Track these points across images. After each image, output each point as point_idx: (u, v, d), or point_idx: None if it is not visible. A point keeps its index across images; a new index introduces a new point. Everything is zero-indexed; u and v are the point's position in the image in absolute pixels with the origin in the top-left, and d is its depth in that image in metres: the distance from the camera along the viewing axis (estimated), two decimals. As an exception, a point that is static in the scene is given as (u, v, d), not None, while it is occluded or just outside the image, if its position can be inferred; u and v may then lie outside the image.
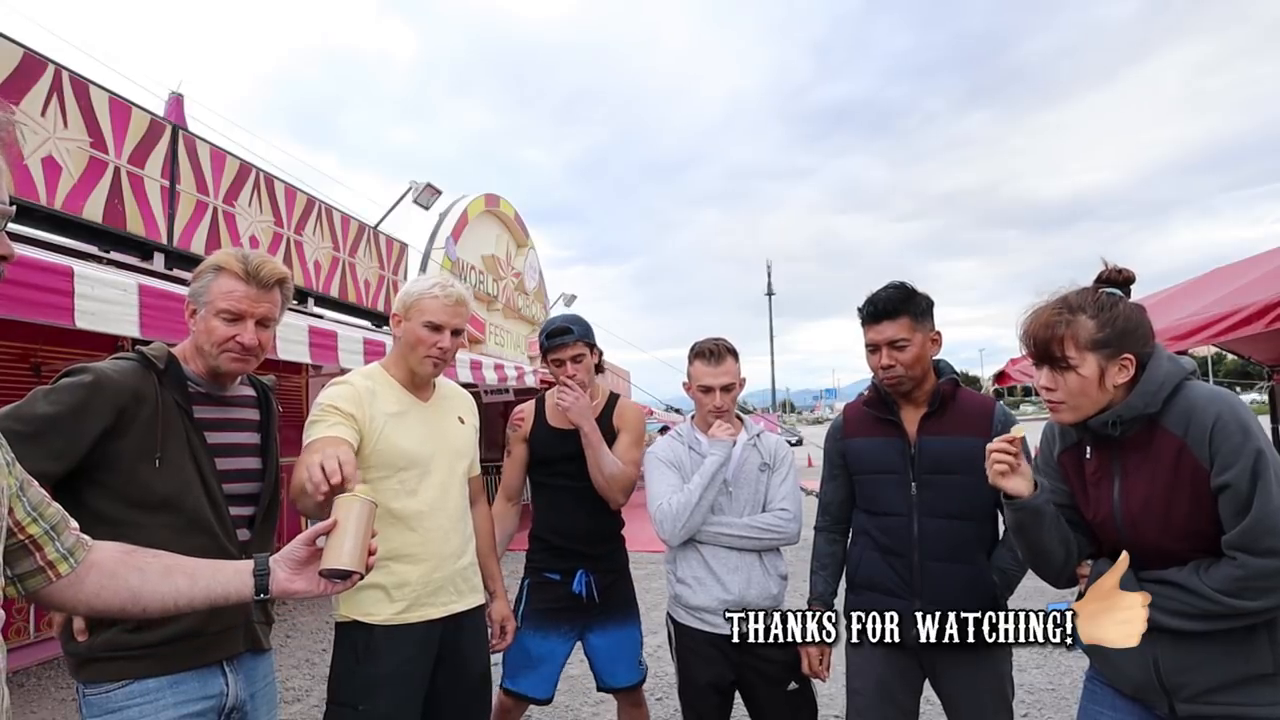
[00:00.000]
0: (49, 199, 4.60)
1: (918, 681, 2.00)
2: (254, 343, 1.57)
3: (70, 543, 1.04)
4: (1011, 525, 1.54)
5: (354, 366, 4.35)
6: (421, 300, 1.93)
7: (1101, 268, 1.54)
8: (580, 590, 2.38)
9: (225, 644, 1.52)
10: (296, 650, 4.94)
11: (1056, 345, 1.43)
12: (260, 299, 1.57)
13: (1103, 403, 1.44)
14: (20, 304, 2.52)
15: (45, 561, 1.00)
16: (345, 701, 1.84)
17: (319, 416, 1.80)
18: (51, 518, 1.02)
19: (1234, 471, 1.31)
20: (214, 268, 1.57)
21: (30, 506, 0.99)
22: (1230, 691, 1.35)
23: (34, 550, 0.99)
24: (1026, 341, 1.49)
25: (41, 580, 1.01)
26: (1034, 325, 1.47)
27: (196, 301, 1.58)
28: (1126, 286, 1.51)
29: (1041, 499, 1.48)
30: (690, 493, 2.19)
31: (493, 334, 11.87)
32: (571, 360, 2.42)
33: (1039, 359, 1.48)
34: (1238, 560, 1.30)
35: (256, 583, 1.13)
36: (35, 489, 1.01)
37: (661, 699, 3.86)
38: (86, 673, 1.42)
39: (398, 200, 9.53)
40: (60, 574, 1.02)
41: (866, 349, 2.01)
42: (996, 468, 1.50)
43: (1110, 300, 1.45)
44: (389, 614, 1.86)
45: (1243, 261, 5.58)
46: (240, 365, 1.59)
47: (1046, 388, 1.47)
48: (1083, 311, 1.43)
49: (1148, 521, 1.42)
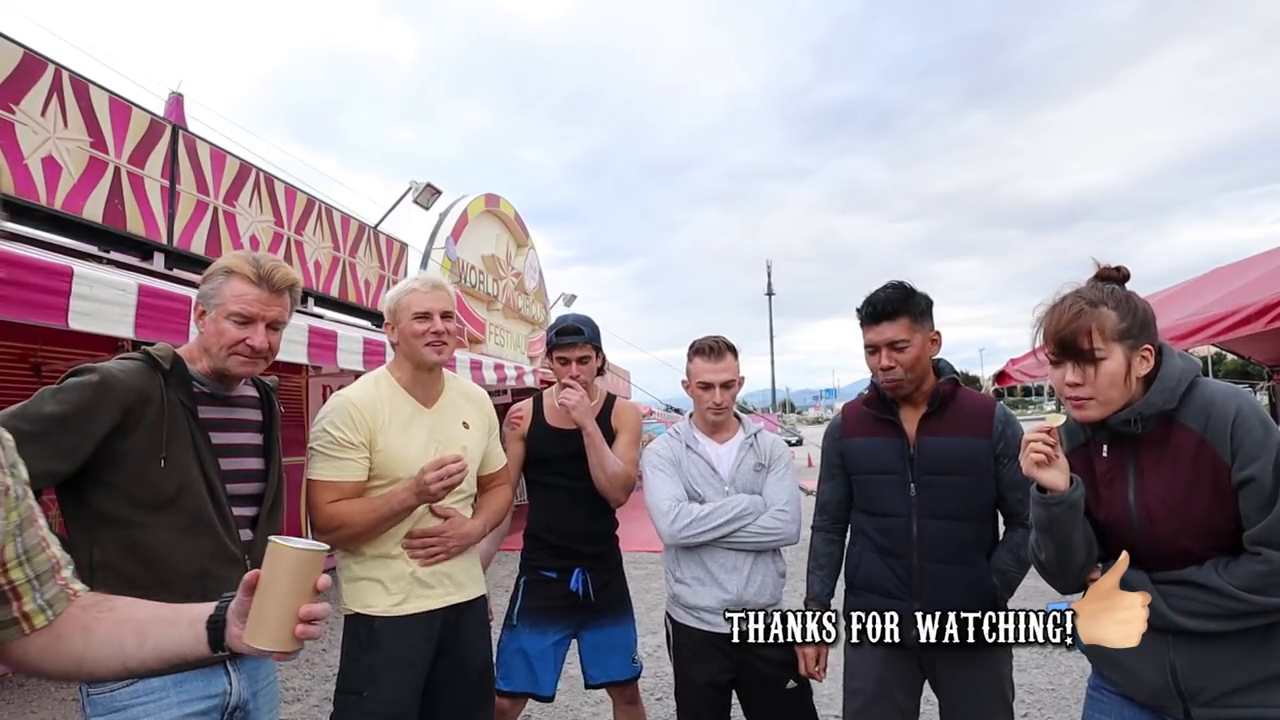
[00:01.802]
0: (49, 199, 4.60)
1: (917, 682, 2.00)
2: (264, 346, 1.58)
3: (52, 593, 0.94)
4: (1041, 521, 1.48)
5: (352, 367, 4.35)
6: (403, 298, 2.00)
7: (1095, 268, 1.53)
8: (577, 588, 2.38)
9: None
10: (296, 650, 4.94)
11: (1084, 337, 1.40)
12: (271, 302, 1.59)
13: (1128, 396, 1.42)
14: (15, 304, 2.52)
15: (21, 612, 0.91)
16: (350, 690, 1.89)
17: (323, 449, 1.88)
18: (40, 565, 0.92)
19: (1257, 465, 1.30)
20: (225, 270, 1.59)
21: (23, 549, 0.90)
22: (1250, 693, 1.33)
23: (12, 598, 0.90)
24: (1050, 338, 1.45)
25: (14, 632, 0.91)
26: (1058, 319, 1.44)
27: (206, 303, 1.59)
28: (1123, 284, 1.50)
29: (1078, 494, 1.43)
30: (711, 519, 2.18)
31: (493, 334, 11.87)
32: (578, 361, 2.43)
33: (1064, 354, 1.44)
34: (1262, 555, 1.29)
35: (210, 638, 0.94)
36: (34, 531, 0.93)
37: (661, 699, 3.86)
38: None
39: (398, 200, 9.52)
40: (35, 626, 0.92)
41: (866, 350, 2.00)
42: (1034, 457, 1.45)
43: (1123, 293, 1.44)
44: (386, 605, 1.91)
45: (1242, 261, 5.58)
46: (248, 368, 1.60)
47: (1072, 383, 1.43)
48: (1104, 304, 1.41)
49: (1165, 519, 1.40)
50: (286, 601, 0.90)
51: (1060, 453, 1.46)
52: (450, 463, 1.83)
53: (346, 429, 1.88)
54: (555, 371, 2.48)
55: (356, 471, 1.89)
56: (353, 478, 1.89)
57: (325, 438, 1.88)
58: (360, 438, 1.89)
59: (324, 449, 1.88)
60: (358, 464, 1.89)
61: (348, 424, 1.89)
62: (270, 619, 0.89)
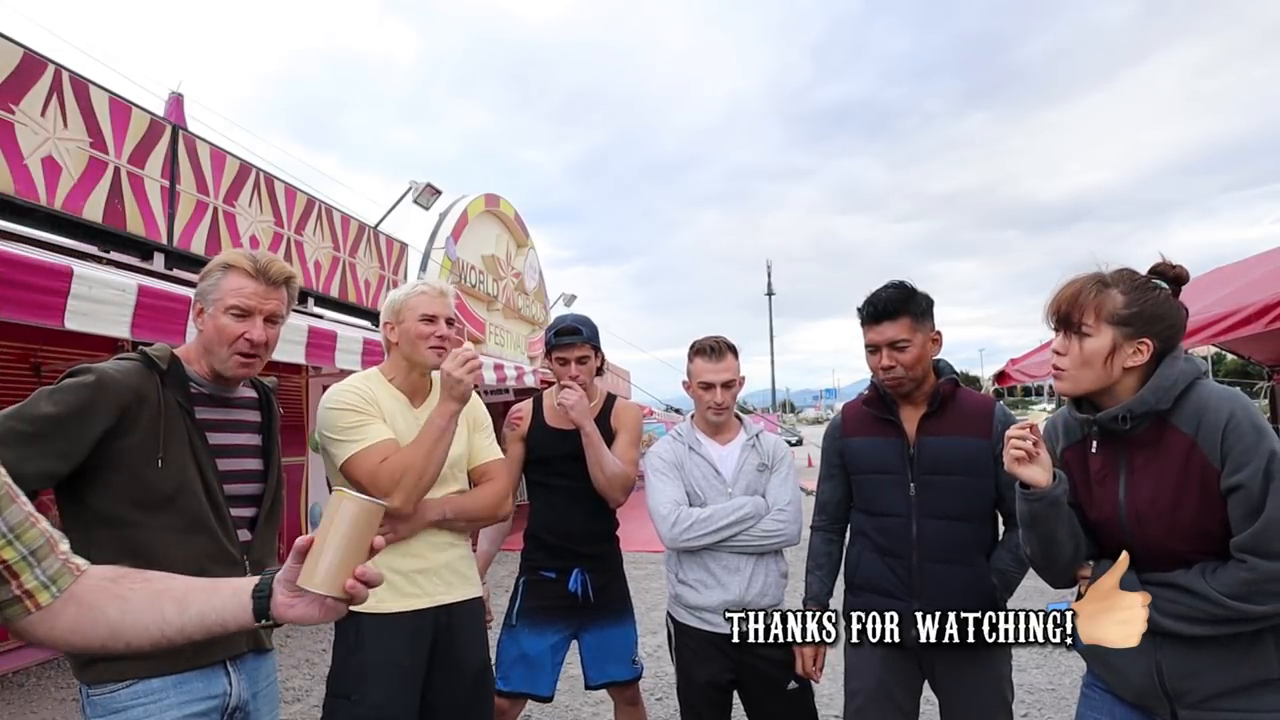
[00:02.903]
0: (49, 199, 4.59)
1: (917, 682, 1.99)
2: (262, 339, 1.59)
3: (54, 569, 0.93)
4: (1024, 517, 1.50)
5: (351, 367, 4.34)
6: (410, 299, 2.01)
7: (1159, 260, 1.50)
8: (576, 589, 2.38)
9: (229, 644, 1.52)
10: (296, 650, 4.94)
11: (1077, 311, 1.42)
12: (269, 295, 1.60)
13: (1103, 381, 1.42)
14: (14, 304, 2.51)
15: (23, 590, 0.91)
16: (339, 693, 1.88)
17: (348, 427, 1.88)
18: (32, 541, 0.91)
19: (1247, 472, 1.29)
20: (223, 266, 1.60)
21: (7, 527, 0.89)
22: (1235, 697, 1.34)
23: (9, 577, 0.90)
24: (1051, 306, 1.48)
25: (19, 610, 0.91)
26: (1063, 289, 1.47)
27: (204, 300, 1.59)
28: (1176, 285, 1.48)
29: (1059, 490, 1.44)
30: (711, 523, 2.18)
31: (493, 334, 11.87)
32: (576, 361, 2.43)
33: (1058, 323, 1.47)
34: (1247, 563, 1.28)
35: (255, 606, 0.96)
36: (16, 508, 0.91)
37: (661, 699, 3.86)
38: (91, 673, 1.41)
39: (398, 200, 9.52)
40: (40, 604, 0.91)
41: (866, 349, 2.00)
42: (1014, 453, 1.46)
43: (1149, 285, 1.43)
44: (372, 602, 1.89)
45: (1242, 261, 5.58)
46: (246, 369, 1.61)
47: (1056, 352, 1.47)
48: (1116, 286, 1.42)
49: (1153, 520, 1.40)
50: (344, 549, 0.91)
51: (1043, 449, 1.47)
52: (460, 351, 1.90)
53: (357, 403, 1.91)
54: (554, 372, 2.48)
55: (387, 432, 1.90)
56: (388, 436, 1.90)
57: (345, 417, 1.89)
58: (373, 409, 1.92)
59: (349, 427, 1.88)
60: (385, 426, 1.91)
61: (357, 402, 1.91)
62: (326, 563, 0.90)
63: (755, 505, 2.21)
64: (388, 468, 1.84)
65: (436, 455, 1.87)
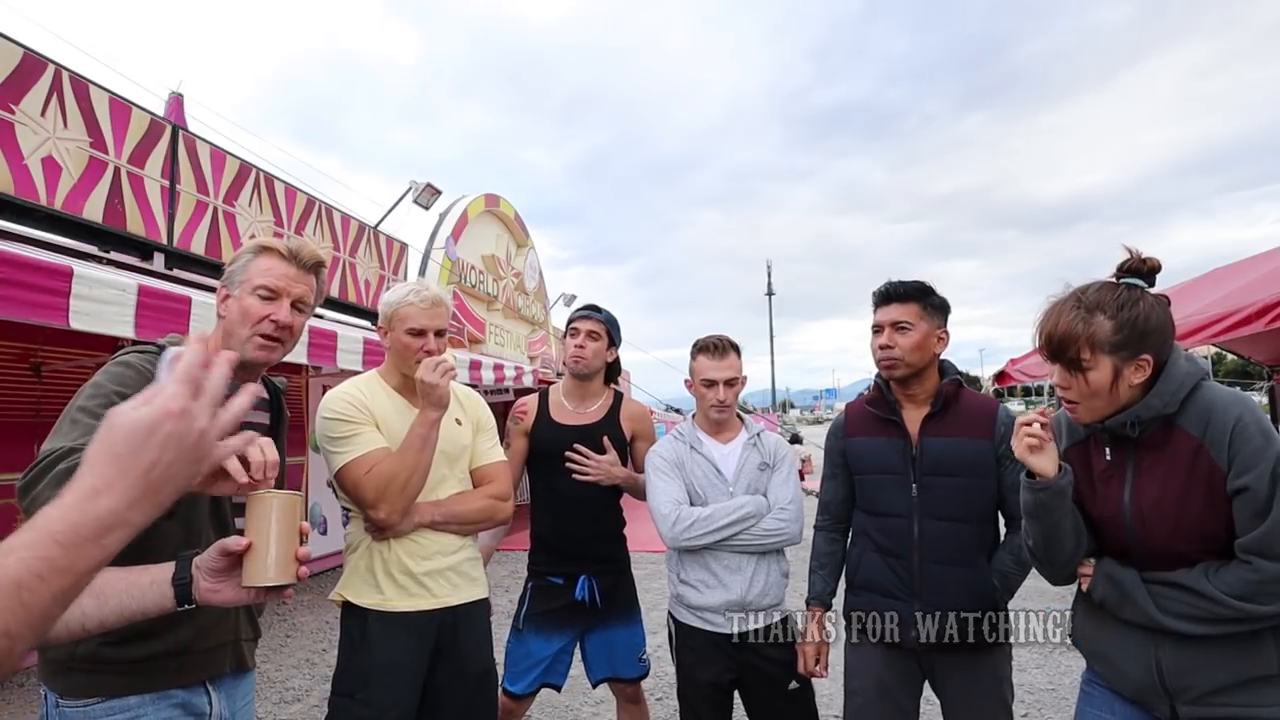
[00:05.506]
0: (49, 199, 4.59)
1: (917, 683, 1.99)
2: (288, 321, 1.55)
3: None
4: (1029, 507, 1.50)
5: (352, 367, 4.34)
6: (400, 309, 1.98)
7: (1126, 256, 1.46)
8: (583, 596, 2.38)
9: (211, 663, 1.50)
10: (296, 650, 4.92)
11: (1071, 348, 1.40)
12: (299, 279, 1.58)
13: (1118, 403, 1.42)
14: (15, 304, 2.52)
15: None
16: (343, 692, 1.89)
17: (339, 437, 1.89)
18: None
19: (1254, 474, 1.30)
20: (255, 248, 1.58)
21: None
22: (1233, 693, 1.34)
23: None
24: (1042, 342, 1.46)
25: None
26: (1049, 325, 1.44)
27: (232, 282, 1.56)
28: (1151, 276, 1.45)
29: (1065, 481, 1.45)
30: (712, 522, 2.17)
31: (493, 334, 11.86)
32: (587, 334, 2.48)
33: (1054, 358, 1.45)
34: (1253, 564, 1.29)
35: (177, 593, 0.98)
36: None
37: (661, 699, 3.86)
38: (64, 683, 1.36)
39: (398, 200, 9.51)
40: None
41: (872, 331, 2.01)
42: (1026, 441, 1.46)
43: (1131, 298, 1.40)
44: (376, 600, 1.91)
45: (1242, 261, 5.58)
46: (266, 353, 1.55)
47: (1061, 386, 1.46)
48: (1101, 311, 1.39)
49: (1158, 521, 1.40)
50: (283, 541, 0.99)
51: (1051, 440, 1.47)
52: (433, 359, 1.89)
53: (350, 412, 1.92)
54: (564, 345, 2.55)
55: (379, 440, 1.91)
56: (378, 445, 1.90)
57: (337, 427, 1.90)
58: (365, 417, 1.93)
59: (340, 436, 1.89)
60: (377, 434, 1.92)
61: (349, 410, 1.92)
62: (273, 558, 0.98)
63: (756, 504, 2.21)
64: (372, 478, 1.86)
65: (421, 464, 1.88)
